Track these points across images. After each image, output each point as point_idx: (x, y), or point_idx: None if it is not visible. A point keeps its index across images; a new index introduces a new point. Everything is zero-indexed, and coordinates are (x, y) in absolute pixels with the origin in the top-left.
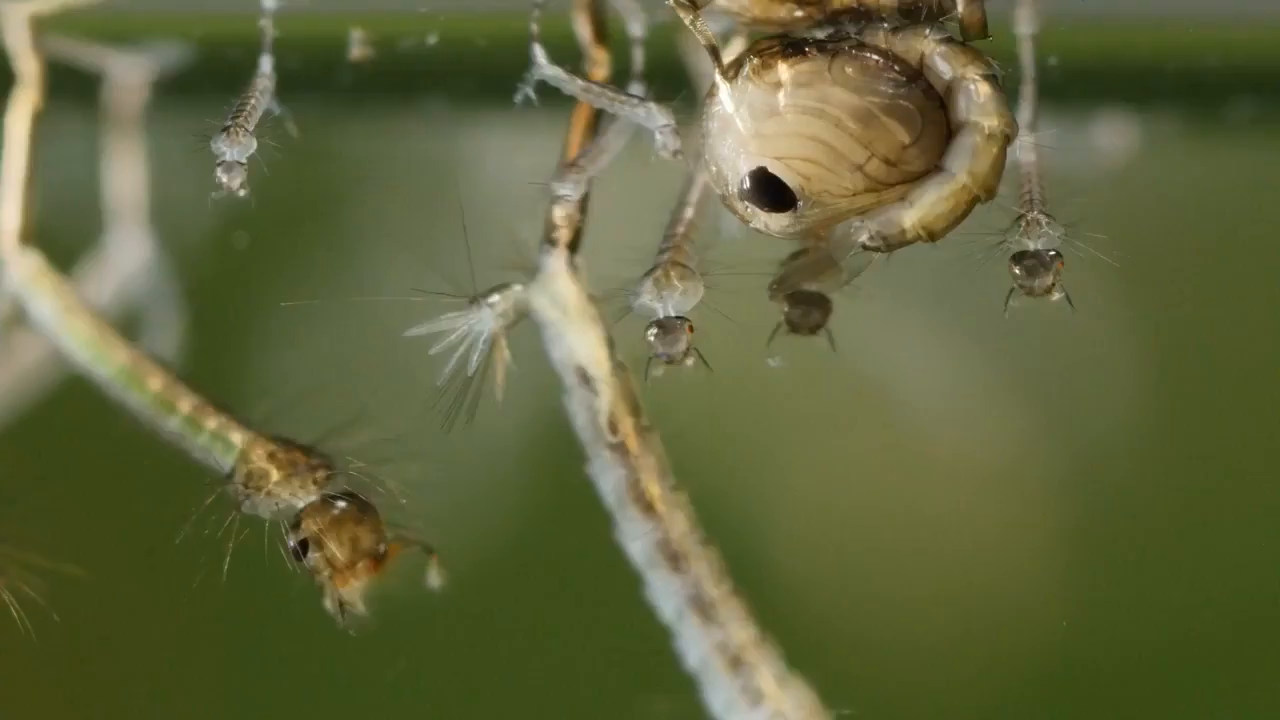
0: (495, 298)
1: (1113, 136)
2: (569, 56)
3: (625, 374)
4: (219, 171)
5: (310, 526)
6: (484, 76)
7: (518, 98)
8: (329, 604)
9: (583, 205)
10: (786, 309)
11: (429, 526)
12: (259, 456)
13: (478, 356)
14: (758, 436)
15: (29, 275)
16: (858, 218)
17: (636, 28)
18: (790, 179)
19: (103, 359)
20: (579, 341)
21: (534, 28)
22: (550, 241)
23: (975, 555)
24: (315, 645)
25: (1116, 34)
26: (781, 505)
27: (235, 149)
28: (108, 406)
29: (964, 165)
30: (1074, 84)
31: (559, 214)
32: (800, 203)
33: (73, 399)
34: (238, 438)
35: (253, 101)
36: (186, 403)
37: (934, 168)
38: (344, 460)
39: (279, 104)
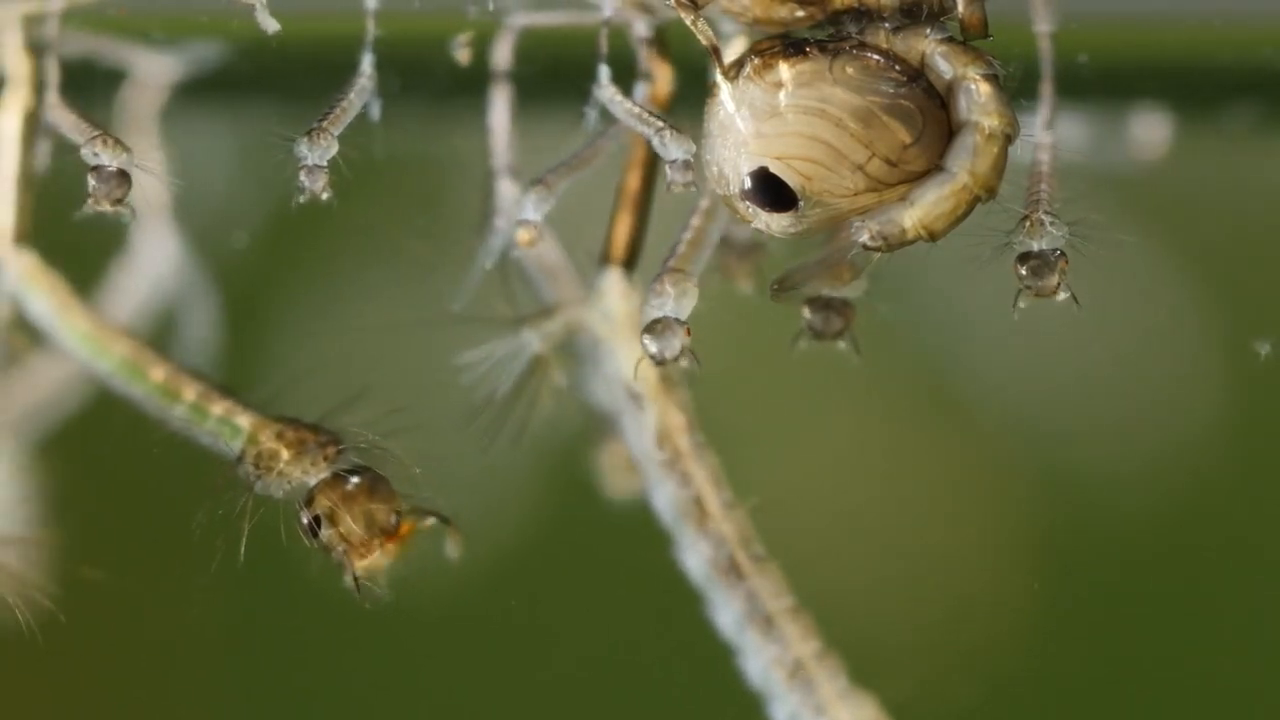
0: (542, 318)
1: (1148, 132)
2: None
3: (677, 390)
4: (301, 175)
5: (323, 503)
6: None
7: (583, 120)
8: (347, 579)
9: (643, 221)
10: (808, 315)
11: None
12: (267, 437)
13: (521, 377)
14: (802, 449)
15: (24, 274)
16: (858, 217)
17: (641, 28)
18: (791, 179)
19: (102, 353)
20: (628, 358)
21: (602, 46)
22: (606, 259)
23: (1022, 566)
24: (324, 646)
25: (1142, 30)
26: (830, 517)
27: (316, 152)
28: (104, 405)
29: (965, 164)
30: (1106, 80)
31: (523, 235)
32: (801, 203)
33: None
34: (244, 420)
35: (344, 103)
36: (190, 390)
37: (935, 167)
38: (352, 436)
39: (379, 105)
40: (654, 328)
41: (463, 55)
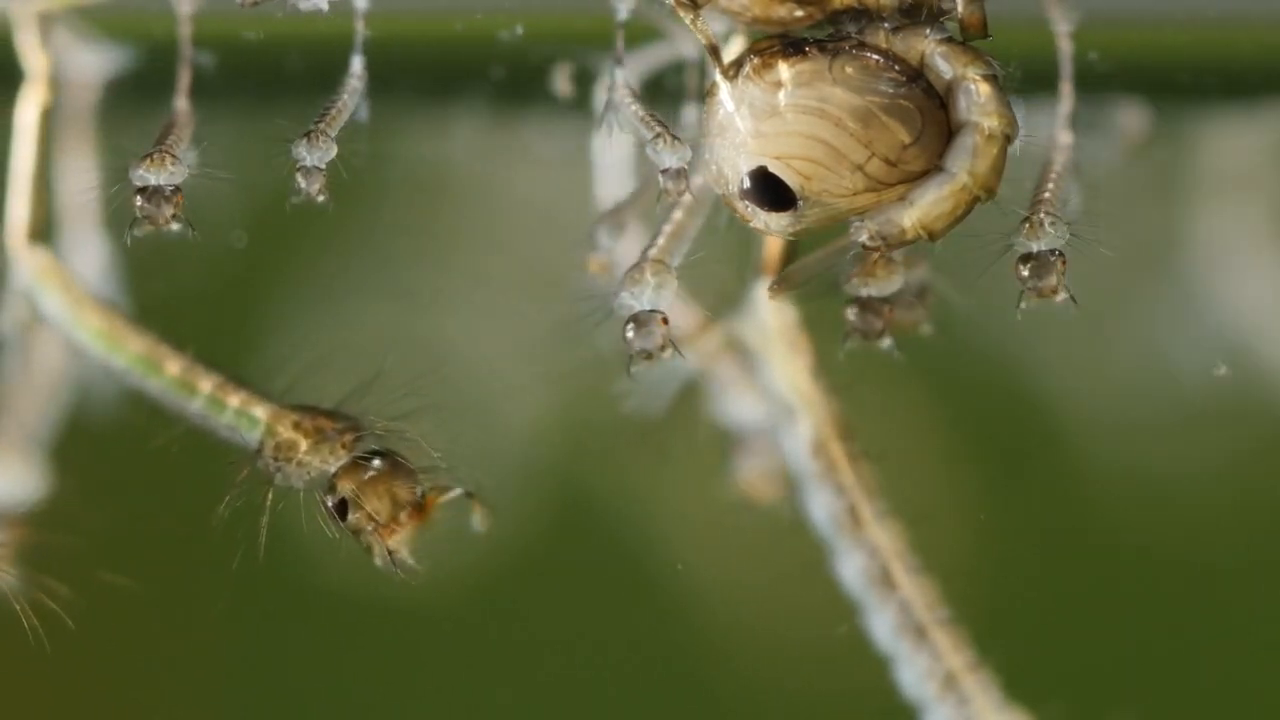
0: (699, 334)
1: (1133, 123)
2: None
3: (833, 400)
4: (298, 177)
5: (346, 487)
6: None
7: (605, 127)
8: (377, 559)
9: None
10: (851, 317)
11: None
12: (285, 427)
13: (673, 393)
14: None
15: (38, 271)
16: (857, 217)
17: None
18: (790, 178)
19: (117, 349)
20: (782, 370)
21: (618, 49)
22: (760, 272)
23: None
24: (335, 645)
25: (1139, 30)
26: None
27: (315, 154)
28: (118, 403)
29: (964, 165)
30: (1108, 78)
31: (597, 262)
32: (800, 202)
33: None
34: (261, 412)
35: (339, 104)
36: (207, 383)
37: (934, 167)
38: (369, 420)
39: (366, 106)
40: (635, 322)
41: (563, 87)
